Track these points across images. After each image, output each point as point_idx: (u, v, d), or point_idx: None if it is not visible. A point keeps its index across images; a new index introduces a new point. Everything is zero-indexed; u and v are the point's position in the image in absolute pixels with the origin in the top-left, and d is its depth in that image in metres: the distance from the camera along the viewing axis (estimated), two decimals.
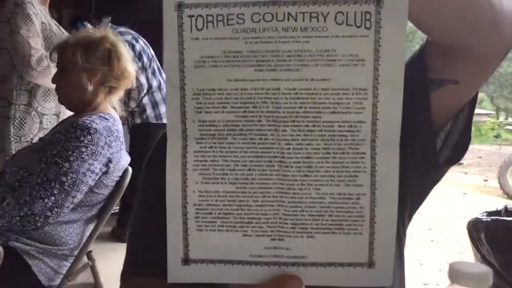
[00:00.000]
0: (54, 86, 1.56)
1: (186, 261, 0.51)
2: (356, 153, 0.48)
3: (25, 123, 2.17)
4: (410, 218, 0.72)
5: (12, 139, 2.13)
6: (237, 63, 0.48)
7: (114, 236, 3.17)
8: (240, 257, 0.50)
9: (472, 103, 0.65)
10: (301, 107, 0.48)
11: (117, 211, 3.11)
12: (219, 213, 0.50)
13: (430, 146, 0.65)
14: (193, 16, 0.48)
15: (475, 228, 2.07)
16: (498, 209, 2.20)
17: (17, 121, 2.15)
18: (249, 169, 0.49)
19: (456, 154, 0.66)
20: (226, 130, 0.49)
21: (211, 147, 0.50)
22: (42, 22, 2.14)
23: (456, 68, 0.61)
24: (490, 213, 2.16)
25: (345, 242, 0.49)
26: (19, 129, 2.15)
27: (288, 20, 0.47)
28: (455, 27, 0.57)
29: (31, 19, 2.09)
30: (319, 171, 0.48)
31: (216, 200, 0.50)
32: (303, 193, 0.49)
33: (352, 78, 0.47)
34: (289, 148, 0.48)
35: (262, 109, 0.48)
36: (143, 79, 2.97)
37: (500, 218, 2.04)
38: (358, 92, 0.47)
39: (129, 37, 2.88)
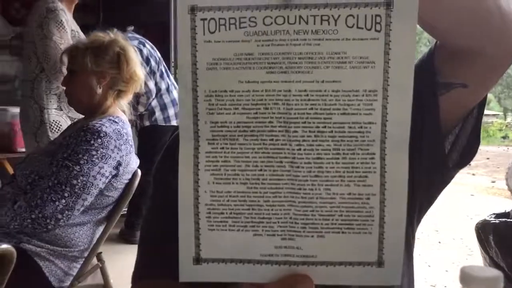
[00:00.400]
0: None
1: (197, 260, 0.51)
2: (366, 154, 0.48)
3: (60, 125, 2.19)
4: (419, 221, 0.72)
5: None
6: (249, 65, 0.49)
7: (123, 238, 3.18)
8: (251, 256, 0.51)
9: (481, 106, 0.65)
10: (312, 109, 0.48)
11: (125, 212, 3.12)
12: (231, 213, 0.50)
13: (438, 149, 0.65)
14: (205, 19, 0.48)
15: (483, 230, 2.06)
16: (507, 211, 2.19)
17: (53, 125, 2.18)
18: (260, 170, 0.50)
19: (464, 158, 0.66)
20: (237, 131, 0.50)
21: (222, 148, 0.50)
22: (72, 30, 2.18)
23: (464, 72, 0.61)
24: (498, 215, 2.14)
25: (355, 241, 0.49)
26: (57, 132, 2.17)
27: (300, 23, 0.47)
28: (463, 31, 0.57)
29: (64, 26, 2.12)
30: (329, 172, 0.49)
31: (228, 200, 0.50)
32: (313, 193, 0.49)
33: (362, 80, 0.48)
34: (300, 149, 0.49)
35: (273, 110, 0.49)
36: (151, 85, 2.98)
37: (509, 220, 2.03)
38: (368, 93, 0.48)
39: (135, 42, 2.89)
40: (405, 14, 0.47)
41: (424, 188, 0.68)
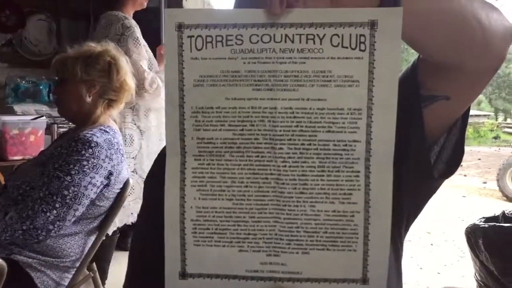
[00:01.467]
0: (159, 104, 1.56)
1: (183, 275, 0.52)
2: (351, 171, 0.49)
3: (133, 140, 2.19)
4: (406, 230, 0.73)
5: None
6: (235, 83, 0.49)
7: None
8: (236, 272, 0.51)
9: (465, 117, 0.66)
10: (297, 126, 0.49)
11: None
12: (216, 229, 0.51)
13: (424, 160, 0.66)
14: (192, 36, 0.49)
15: (473, 234, 2.07)
16: (496, 215, 2.21)
17: (127, 138, 2.17)
18: (246, 186, 0.51)
19: (450, 167, 0.67)
20: (224, 147, 0.50)
21: (209, 164, 0.51)
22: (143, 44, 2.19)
23: (447, 85, 0.62)
24: (488, 219, 2.16)
25: (339, 258, 0.50)
26: (129, 146, 2.16)
27: (286, 41, 0.48)
28: (446, 46, 0.58)
29: (140, 42, 2.13)
30: (314, 189, 0.50)
31: (213, 216, 0.51)
32: (298, 210, 0.50)
33: (347, 98, 0.49)
34: (285, 166, 0.50)
35: (259, 127, 0.50)
36: None
37: (498, 224, 2.05)
38: (353, 112, 0.49)
39: None
40: (389, 34, 0.48)
41: (411, 198, 0.68)
